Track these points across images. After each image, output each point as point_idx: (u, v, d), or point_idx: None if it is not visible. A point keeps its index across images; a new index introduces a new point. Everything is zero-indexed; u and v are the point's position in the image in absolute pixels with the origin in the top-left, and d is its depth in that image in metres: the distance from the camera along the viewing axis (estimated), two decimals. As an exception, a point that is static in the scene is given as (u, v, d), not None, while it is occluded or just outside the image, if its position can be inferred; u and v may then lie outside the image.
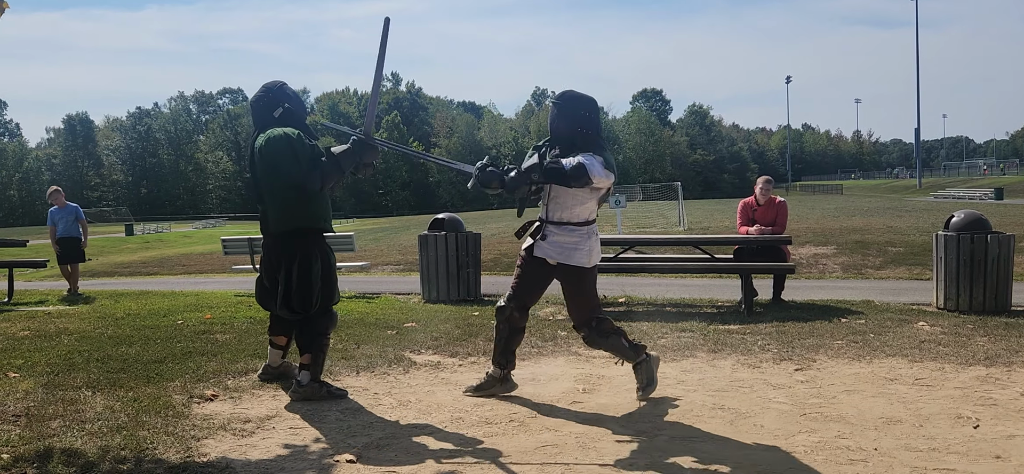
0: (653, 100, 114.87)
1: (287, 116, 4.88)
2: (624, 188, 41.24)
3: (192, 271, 18.64)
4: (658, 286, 10.95)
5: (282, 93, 4.95)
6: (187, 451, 3.96)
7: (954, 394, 4.77)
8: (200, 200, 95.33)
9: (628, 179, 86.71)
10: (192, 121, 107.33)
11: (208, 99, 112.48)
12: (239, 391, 5.20)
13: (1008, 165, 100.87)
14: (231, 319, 8.44)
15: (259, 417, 4.59)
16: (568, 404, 4.78)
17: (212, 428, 4.35)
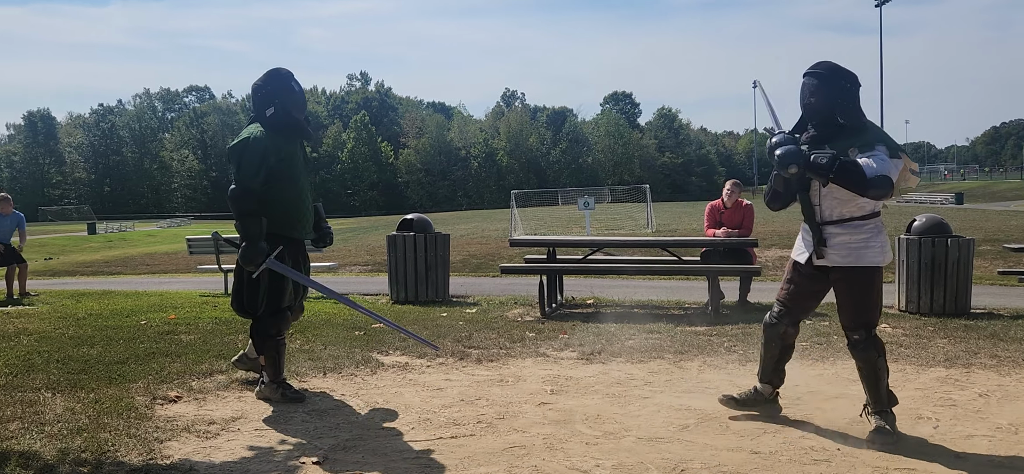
0: (623, 103, 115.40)
1: (278, 115, 4.74)
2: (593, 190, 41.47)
3: (156, 271, 18.36)
4: (626, 288, 11.02)
5: (279, 88, 4.77)
6: (149, 453, 3.90)
7: (915, 395, 4.86)
8: (165, 199, 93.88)
9: (597, 181, 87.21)
10: (157, 119, 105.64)
11: (174, 97, 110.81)
12: (203, 392, 5.13)
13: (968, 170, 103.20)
14: (196, 319, 8.32)
15: (224, 419, 4.53)
16: (536, 405, 4.79)
17: (175, 430, 4.29)
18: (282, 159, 4.70)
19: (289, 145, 4.78)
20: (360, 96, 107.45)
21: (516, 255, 13.95)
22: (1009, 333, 6.83)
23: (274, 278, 4.73)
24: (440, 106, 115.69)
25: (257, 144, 4.62)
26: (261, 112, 4.77)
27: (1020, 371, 5.45)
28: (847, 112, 3.98)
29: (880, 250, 4.00)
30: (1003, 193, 53.24)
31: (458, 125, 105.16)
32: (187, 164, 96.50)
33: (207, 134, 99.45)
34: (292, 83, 4.83)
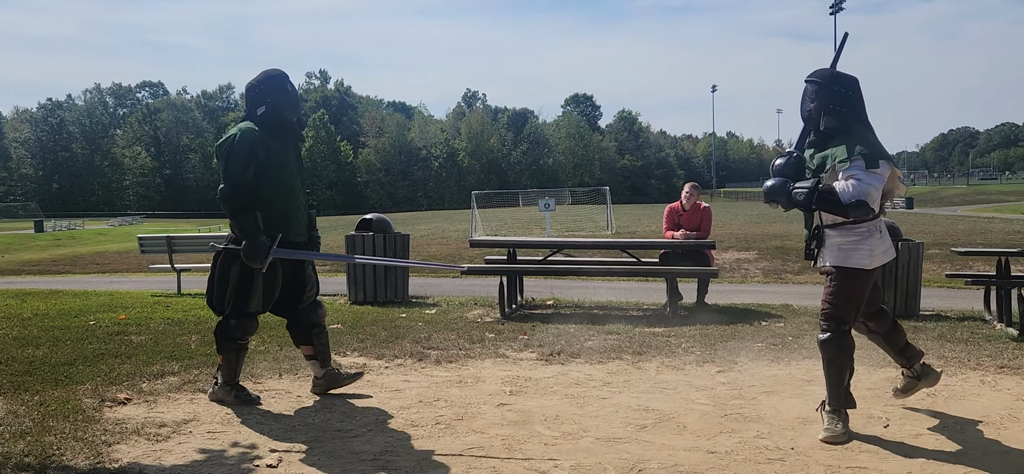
0: (584, 105, 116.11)
1: (269, 114, 4.67)
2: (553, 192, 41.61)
3: (106, 270, 17.94)
4: (585, 289, 11.06)
5: (272, 88, 4.71)
6: (97, 457, 3.79)
7: (866, 395, 4.94)
8: (116, 197, 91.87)
9: (557, 183, 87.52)
10: (108, 114, 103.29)
11: (126, 92, 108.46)
12: (154, 394, 5.02)
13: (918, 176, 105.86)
14: (147, 320, 8.15)
15: (175, 421, 4.43)
16: (495, 406, 4.77)
17: (124, 433, 4.18)
18: (272, 158, 4.61)
19: (279, 144, 4.69)
20: (319, 95, 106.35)
21: (476, 256, 13.92)
22: (955, 334, 7.00)
23: (243, 279, 4.62)
24: (401, 106, 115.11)
25: (244, 140, 4.54)
26: (252, 110, 4.71)
27: (966, 371, 5.58)
28: (840, 116, 4.08)
29: (868, 254, 4.07)
30: (950, 198, 54.72)
31: (419, 125, 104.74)
32: (140, 161, 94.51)
33: (161, 131, 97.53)
34: (286, 84, 4.78)
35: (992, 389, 5.10)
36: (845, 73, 4.18)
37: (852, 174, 3.92)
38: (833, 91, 4.12)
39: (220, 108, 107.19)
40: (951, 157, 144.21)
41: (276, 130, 4.69)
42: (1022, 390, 5.05)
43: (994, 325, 7.54)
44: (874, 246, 4.08)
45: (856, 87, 4.18)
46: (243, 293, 4.65)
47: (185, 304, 9.71)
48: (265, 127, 4.65)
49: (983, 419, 4.40)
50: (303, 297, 4.91)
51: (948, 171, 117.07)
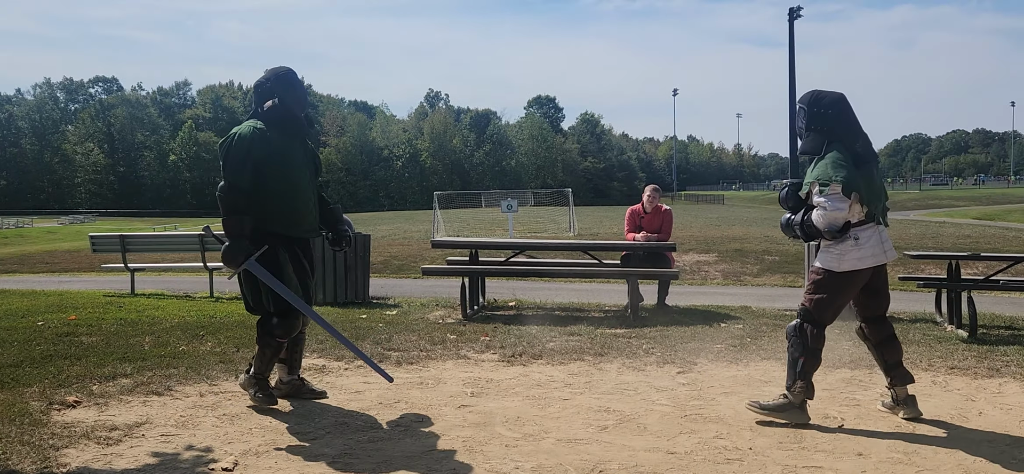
0: (546, 107, 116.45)
1: (276, 109, 4.60)
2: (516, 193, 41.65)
3: (56, 269, 17.49)
4: (548, 290, 11.07)
5: (281, 83, 4.66)
6: (45, 461, 3.68)
7: (822, 395, 5.01)
8: (67, 194, 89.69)
9: (520, 184, 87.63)
10: (59, 110, 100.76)
11: (78, 87, 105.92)
12: (105, 397, 4.89)
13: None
14: (99, 320, 7.95)
15: (127, 424, 4.32)
16: (456, 408, 4.74)
17: (74, 437, 4.07)
18: (275, 153, 4.51)
19: (286, 139, 4.61)
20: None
21: (438, 256, 13.86)
22: (908, 336, 7.14)
23: (275, 273, 4.54)
24: (363, 105, 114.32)
25: (242, 140, 4.46)
26: (259, 106, 4.66)
27: (918, 372, 5.69)
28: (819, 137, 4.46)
29: (837, 257, 4.39)
30: (904, 203, 55.98)
31: (381, 125, 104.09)
32: (92, 158, 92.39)
33: (114, 127, 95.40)
34: (294, 79, 4.75)
35: (943, 390, 5.21)
36: (827, 92, 4.54)
37: (818, 203, 4.33)
38: (813, 113, 4.49)
39: (177, 105, 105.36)
40: (904, 163, 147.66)
41: (283, 125, 4.62)
42: (971, 391, 5.17)
43: (945, 327, 7.72)
44: (843, 252, 4.37)
45: (839, 106, 4.50)
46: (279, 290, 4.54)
47: (139, 304, 9.50)
48: (271, 123, 4.58)
49: (935, 419, 4.49)
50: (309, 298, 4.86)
51: (901, 176, 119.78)
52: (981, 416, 4.57)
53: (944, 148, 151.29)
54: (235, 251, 4.42)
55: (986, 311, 8.38)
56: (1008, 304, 9.50)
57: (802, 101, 4.61)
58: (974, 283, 7.94)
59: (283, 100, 4.63)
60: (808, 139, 4.52)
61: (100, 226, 50.33)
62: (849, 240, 4.36)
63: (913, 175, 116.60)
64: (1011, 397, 5.00)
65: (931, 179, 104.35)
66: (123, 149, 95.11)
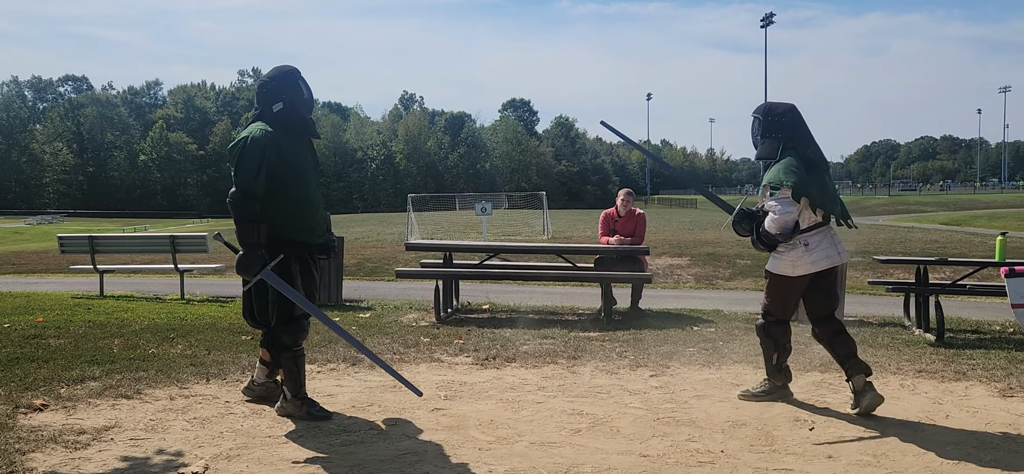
0: (521, 110, 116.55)
1: (286, 111, 4.47)
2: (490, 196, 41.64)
3: (23, 270, 17.17)
4: (521, 293, 11.08)
5: (288, 83, 4.52)
6: (10, 466, 3.61)
7: (793, 397, 5.08)
8: (35, 194, 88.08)
9: (494, 187, 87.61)
10: (27, 108, 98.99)
11: (47, 85, 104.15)
12: (73, 400, 4.82)
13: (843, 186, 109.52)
14: (67, 323, 7.83)
15: (95, 428, 4.26)
16: (429, 411, 4.73)
17: (40, 440, 4.00)
18: (287, 157, 4.39)
19: (296, 143, 4.49)
20: (252, 93, 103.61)
21: (412, 259, 13.81)
22: (877, 340, 7.25)
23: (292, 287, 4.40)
24: (336, 106, 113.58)
25: (255, 144, 4.31)
26: (267, 108, 4.48)
27: (887, 375, 5.79)
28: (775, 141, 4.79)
29: (791, 263, 4.76)
30: (873, 208, 56.77)
31: (355, 126, 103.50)
32: (61, 158, 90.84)
33: (84, 127, 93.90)
34: (300, 81, 4.59)
35: (911, 393, 5.29)
36: (780, 103, 4.91)
37: (770, 207, 4.67)
38: (767, 122, 4.83)
39: (148, 104, 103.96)
40: (874, 168, 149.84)
41: (293, 128, 4.50)
42: (939, 394, 5.26)
43: (913, 331, 7.83)
44: (797, 258, 4.72)
45: (791, 115, 4.82)
46: (285, 299, 4.41)
47: (108, 306, 9.37)
48: (281, 125, 4.45)
49: (903, 421, 4.57)
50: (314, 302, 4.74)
51: (871, 182, 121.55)
52: (948, 419, 4.65)
53: (913, 154, 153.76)
54: (251, 261, 4.25)
55: (953, 315, 8.53)
56: (974, 308, 9.67)
57: (757, 112, 4.93)
58: (941, 287, 8.07)
59: (291, 102, 4.49)
60: (763, 146, 4.83)
61: (69, 227, 49.53)
62: (800, 246, 4.69)
63: (882, 180, 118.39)
64: (977, 400, 5.09)
65: (900, 185, 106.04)
66: (92, 149, 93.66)
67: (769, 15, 64.89)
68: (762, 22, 65.38)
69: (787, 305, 4.90)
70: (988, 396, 5.20)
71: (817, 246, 4.73)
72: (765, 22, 65.15)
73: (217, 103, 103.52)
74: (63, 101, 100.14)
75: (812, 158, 4.77)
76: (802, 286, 4.83)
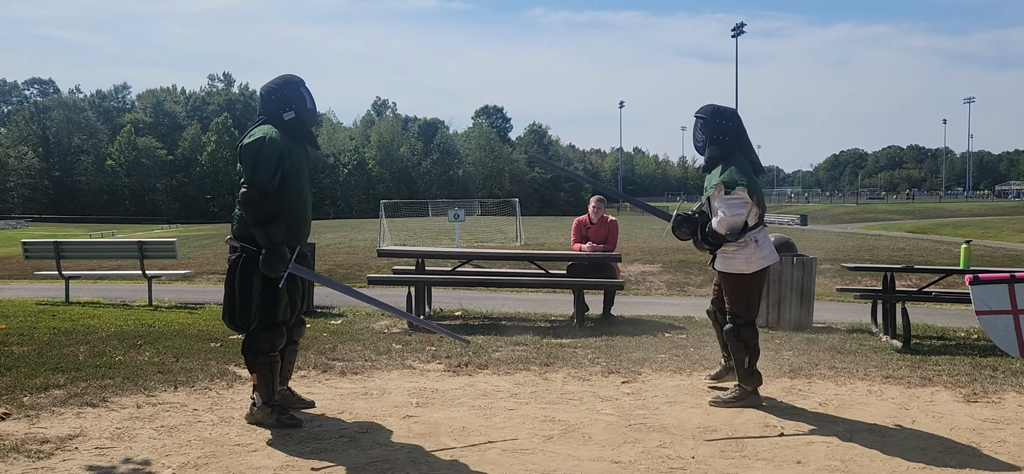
0: (494, 117, 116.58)
1: (296, 120, 4.47)
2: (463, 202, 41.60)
3: (-13, 276, 16.81)
4: (494, 300, 11.07)
5: (297, 93, 4.52)
6: (-31, 477, 3.53)
7: (763, 404, 5.12)
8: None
9: (467, 194, 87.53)
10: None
11: (12, 88, 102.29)
12: (37, 409, 4.72)
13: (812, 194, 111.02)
14: (31, 329, 7.68)
15: (59, 437, 4.18)
16: (400, 418, 4.71)
17: (3, 450, 3.92)
18: (294, 165, 4.41)
19: (300, 153, 4.50)
20: (223, 98, 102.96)
21: (384, 266, 13.74)
22: (846, 346, 7.34)
23: (268, 288, 4.36)
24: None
25: (274, 145, 4.30)
26: (277, 114, 4.46)
27: (854, 381, 5.86)
28: (723, 145, 4.94)
29: (745, 260, 4.89)
30: (841, 216, 57.57)
31: (327, 132, 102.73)
32: (26, 162, 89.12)
33: (50, 130, 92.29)
34: (307, 91, 4.60)
35: (878, 398, 5.37)
36: (725, 107, 5.03)
37: (718, 206, 4.84)
38: (716, 124, 4.97)
39: (116, 108, 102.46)
40: (842, 177, 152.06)
41: (299, 139, 4.52)
42: (905, 399, 5.34)
43: (880, 337, 7.95)
44: (750, 255, 4.89)
45: (737, 119, 5.00)
46: (269, 303, 4.39)
47: (73, 313, 9.20)
48: (289, 133, 4.44)
49: (870, 427, 4.63)
50: (300, 307, 4.72)
51: (839, 190, 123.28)
52: (915, 423, 4.72)
53: (880, 163, 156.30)
54: (276, 258, 4.27)
55: (919, 322, 8.66)
56: (940, 315, 9.83)
57: (702, 114, 5.02)
58: (908, 295, 8.19)
59: (300, 112, 4.51)
60: (712, 149, 4.96)
61: (33, 232, 48.64)
62: (751, 243, 4.87)
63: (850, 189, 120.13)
64: (942, 405, 5.18)
65: (867, 193, 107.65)
66: (59, 153, 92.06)
67: (740, 25, 65.59)
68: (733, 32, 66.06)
69: (751, 304, 4.99)
70: (953, 401, 5.29)
71: (764, 242, 4.96)
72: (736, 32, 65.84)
73: (187, 108, 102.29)
74: (29, 104, 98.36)
75: (754, 162, 5.02)
76: (761, 281, 5.02)
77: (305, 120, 4.56)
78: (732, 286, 4.98)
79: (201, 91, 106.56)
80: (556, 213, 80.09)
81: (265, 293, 4.38)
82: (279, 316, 4.44)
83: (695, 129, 5.09)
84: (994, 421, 4.79)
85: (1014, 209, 56.45)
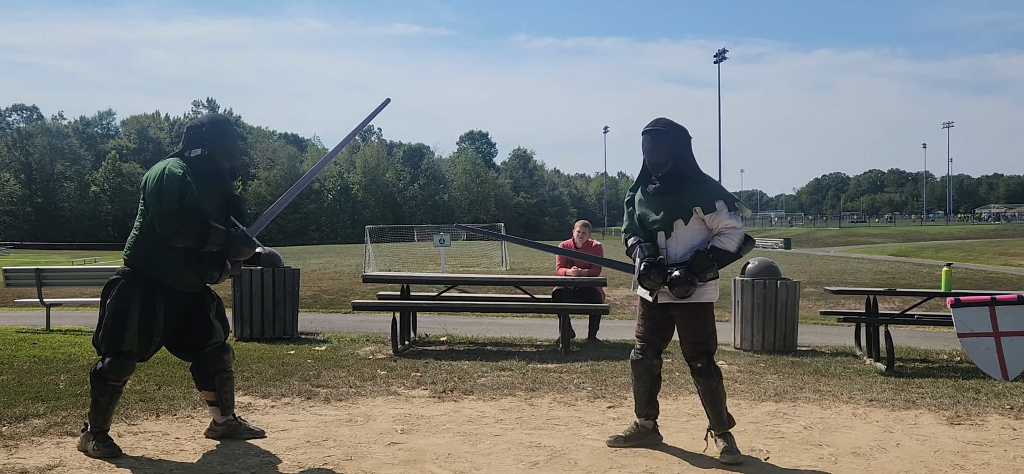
0: (479, 142, 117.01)
1: (202, 158, 4.43)
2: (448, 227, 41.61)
3: (-34, 304, 16.60)
4: (479, 325, 11.05)
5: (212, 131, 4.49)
6: (-55, 509, 3.47)
7: (748, 428, 5.13)
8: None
9: (453, 218, 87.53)
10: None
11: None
12: (15, 438, 4.65)
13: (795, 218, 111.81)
14: (10, 358, 7.58)
15: (38, 467, 4.12)
16: (385, 445, 4.67)
17: (-21, 482, 3.85)
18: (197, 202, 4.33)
19: (205, 190, 4.39)
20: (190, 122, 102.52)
21: (369, 291, 13.69)
22: (830, 369, 7.37)
23: (117, 314, 4.31)
24: (294, 138, 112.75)
25: (173, 177, 4.24)
26: (186, 150, 4.47)
27: (839, 405, 5.88)
28: (687, 163, 4.41)
29: (714, 288, 4.46)
30: (824, 240, 57.95)
31: (312, 157, 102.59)
32: (8, 188, 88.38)
33: (33, 157, 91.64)
34: (228, 130, 4.59)
35: (863, 421, 5.38)
36: (679, 123, 4.49)
37: (727, 223, 4.32)
38: (676, 140, 4.42)
39: (99, 135, 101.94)
40: (825, 200, 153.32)
41: (206, 175, 4.43)
42: (889, 422, 5.36)
43: (864, 360, 7.99)
44: (714, 282, 4.47)
45: (690, 137, 4.51)
46: (116, 330, 4.33)
47: (54, 341, 9.09)
48: (194, 169, 4.39)
49: (855, 450, 4.63)
50: (209, 342, 4.61)
51: (822, 214, 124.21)
52: (899, 447, 4.73)
53: (862, 187, 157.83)
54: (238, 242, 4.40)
55: (902, 345, 8.72)
56: (923, 337, 9.90)
57: (659, 125, 4.44)
58: (891, 317, 8.25)
59: (211, 150, 4.47)
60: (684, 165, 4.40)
61: (14, 259, 48.12)
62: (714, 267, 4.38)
63: (833, 212, 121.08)
64: (926, 428, 5.20)
65: (851, 217, 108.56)
66: (41, 179, 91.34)
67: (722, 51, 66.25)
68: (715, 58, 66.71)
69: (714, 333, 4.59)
70: (937, 424, 5.31)
71: None
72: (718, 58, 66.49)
73: (171, 133, 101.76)
74: (12, 131, 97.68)
75: None
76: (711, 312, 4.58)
77: (215, 158, 4.49)
78: (700, 318, 4.45)
79: (185, 117, 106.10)
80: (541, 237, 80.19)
81: (115, 318, 4.33)
82: (126, 345, 4.34)
83: (654, 145, 4.40)
84: (978, 443, 4.82)
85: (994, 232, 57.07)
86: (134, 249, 4.40)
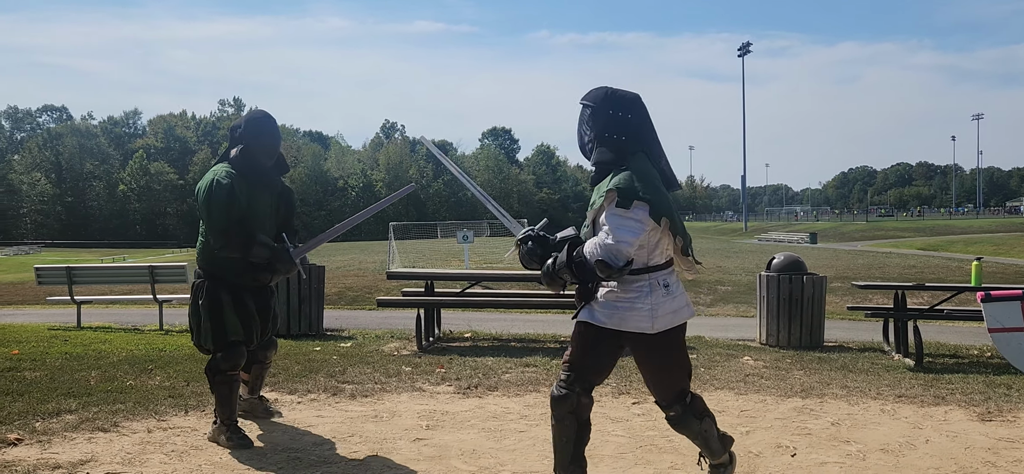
0: (502, 138, 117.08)
1: (241, 156, 4.58)
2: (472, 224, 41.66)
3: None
4: (503, 321, 11.06)
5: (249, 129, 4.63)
6: (-18, 503, 3.54)
7: (775, 424, 5.09)
8: (12, 225, 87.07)
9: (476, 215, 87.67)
10: (5, 139, 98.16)
11: (25, 116, 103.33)
12: (49, 434, 4.74)
13: (821, 212, 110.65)
14: (43, 355, 7.71)
15: (70, 462, 4.19)
16: (410, 441, 4.70)
17: (14, 476, 3.92)
18: (240, 203, 4.49)
19: (251, 188, 4.56)
20: (232, 122, 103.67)
21: (393, 288, 13.76)
22: (857, 365, 7.30)
23: (213, 310, 4.53)
24: (317, 136, 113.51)
25: (220, 189, 4.42)
26: (227, 151, 4.66)
27: (867, 400, 5.82)
28: (617, 146, 3.34)
29: (649, 313, 3.27)
30: (851, 234, 57.30)
31: (336, 155, 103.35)
32: (39, 188, 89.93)
33: (63, 156, 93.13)
34: (265, 126, 4.69)
35: (891, 418, 5.32)
36: (623, 91, 3.44)
37: (605, 223, 3.24)
38: (610, 115, 3.36)
39: (127, 134, 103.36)
40: (851, 194, 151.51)
41: (248, 174, 4.57)
42: (918, 418, 5.29)
43: (892, 356, 7.89)
44: (657, 304, 3.28)
45: (639, 108, 3.42)
46: (216, 323, 4.56)
47: (85, 338, 9.24)
48: (238, 169, 4.54)
49: (884, 447, 4.59)
50: (267, 330, 4.88)
51: (849, 208, 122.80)
52: (928, 443, 4.68)
53: (889, 180, 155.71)
54: (280, 260, 4.56)
55: (931, 340, 8.60)
56: (952, 333, 9.77)
57: (590, 100, 3.43)
58: (919, 313, 8.15)
59: (249, 147, 4.59)
60: (602, 149, 3.37)
61: (46, 257, 48.94)
62: (659, 288, 3.29)
63: (860, 206, 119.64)
64: (956, 424, 5.13)
65: (878, 210, 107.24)
66: (71, 179, 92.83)
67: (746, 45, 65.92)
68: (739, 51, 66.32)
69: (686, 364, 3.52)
70: (967, 420, 5.24)
71: (677, 288, 3.39)
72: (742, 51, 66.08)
73: (197, 132, 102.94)
74: (42, 131, 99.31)
75: (666, 172, 3.45)
76: (680, 342, 3.45)
77: (255, 155, 4.61)
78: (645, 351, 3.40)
79: (211, 116, 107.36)
80: (565, 233, 79.98)
81: (212, 314, 4.55)
82: (231, 335, 4.57)
83: (580, 122, 3.46)
84: (1009, 440, 4.75)
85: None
86: (202, 255, 4.63)
